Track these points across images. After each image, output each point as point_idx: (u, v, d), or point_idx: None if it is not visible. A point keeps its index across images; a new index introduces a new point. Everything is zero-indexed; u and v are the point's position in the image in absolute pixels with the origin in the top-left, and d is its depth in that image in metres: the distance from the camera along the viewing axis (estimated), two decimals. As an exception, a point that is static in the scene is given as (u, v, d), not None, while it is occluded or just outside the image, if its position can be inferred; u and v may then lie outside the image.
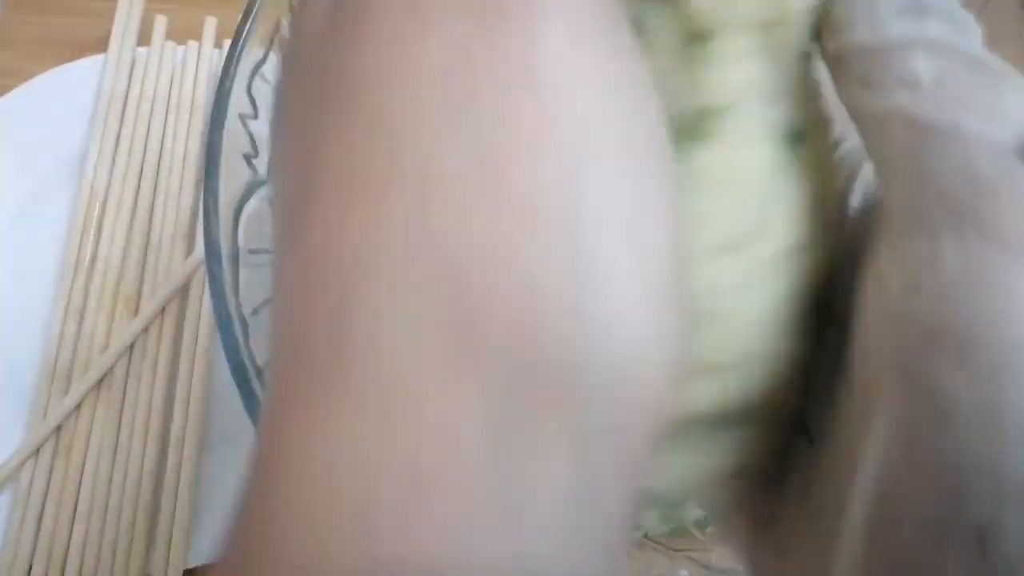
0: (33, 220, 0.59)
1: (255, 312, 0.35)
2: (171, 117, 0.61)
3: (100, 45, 0.64)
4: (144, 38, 0.63)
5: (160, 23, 0.63)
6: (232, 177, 0.37)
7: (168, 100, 0.62)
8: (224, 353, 0.33)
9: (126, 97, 0.61)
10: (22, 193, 0.60)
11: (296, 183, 0.16)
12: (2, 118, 0.60)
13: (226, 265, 0.34)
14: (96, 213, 0.58)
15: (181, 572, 0.50)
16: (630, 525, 0.16)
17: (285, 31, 0.45)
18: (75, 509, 0.52)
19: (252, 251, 0.36)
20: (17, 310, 0.57)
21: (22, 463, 0.52)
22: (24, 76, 0.61)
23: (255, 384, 0.32)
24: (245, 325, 0.34)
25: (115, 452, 0.53)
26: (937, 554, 0.15)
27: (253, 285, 0.36)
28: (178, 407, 0.54)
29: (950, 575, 0.15)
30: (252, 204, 0.38)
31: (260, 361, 0.34)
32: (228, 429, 0.54)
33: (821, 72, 0.19)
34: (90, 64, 0.62)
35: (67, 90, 0.62)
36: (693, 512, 0.20)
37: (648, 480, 0.16)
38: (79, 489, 0.52)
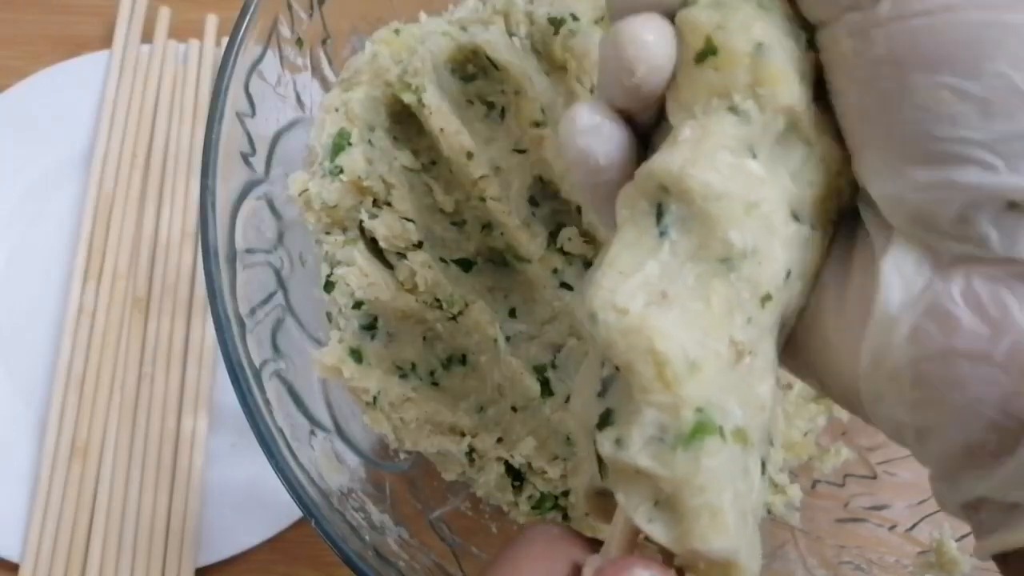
0: (37, 218, 0.59)
1: (252, 312, 0.35)
2: (175, 116, 0.61)
3: (97, 43, 0.63)
4: (146, 35, 0.63)
5: (164, 15, 0.63)
6: (229, 176, 0.37)
7: (172, 98, 0.61)
8: (221, 352, 0.33)
9: (131, 94, 0.61)
10: (25, 191, 0.59)
11: None
12: (4, 114, 0.60)
13: (223, 265, 0.34)
14: (104, 214, 0.58)
15: (193, 571, 0.50)
16: None
17: (283, 29, 0.44)
18: (93, 509, 0.52)
19: (249, 251, 0.36)
20: (26, 312, 0.57)
21: (39, 465, 0.53)
22: (21, 75, 0.61)
23: (252, 383, 0.32)
24: (242, 325, 0.34)
25: (130, 453, 0.53)
26: None
27: (250, 285, 0.35)
28: (188, 408, 0.54)
29: None
30: (249, 203, 0.37)
31: (257, 361, 0.33)
32: (236, 430, 0.54)
33: None
34: (93, 61, 0.62)
35: (70, 87, 0.61)
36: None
37: None
38: (96, 490, 0.53)
